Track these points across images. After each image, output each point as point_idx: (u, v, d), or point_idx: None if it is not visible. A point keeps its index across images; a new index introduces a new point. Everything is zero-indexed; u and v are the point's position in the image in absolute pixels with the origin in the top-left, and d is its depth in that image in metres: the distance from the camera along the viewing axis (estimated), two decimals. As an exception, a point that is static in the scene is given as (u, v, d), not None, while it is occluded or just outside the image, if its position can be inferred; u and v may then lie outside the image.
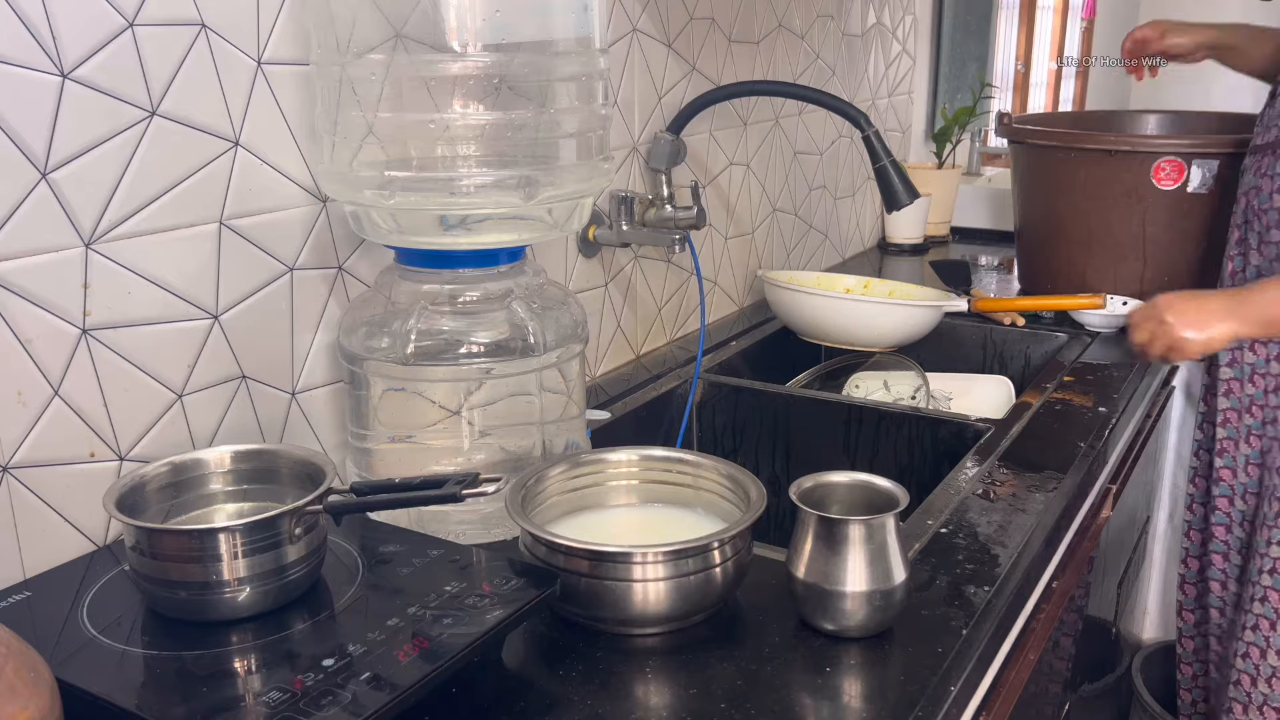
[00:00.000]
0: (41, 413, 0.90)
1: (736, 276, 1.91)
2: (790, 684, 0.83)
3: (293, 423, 1.11)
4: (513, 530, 1.03)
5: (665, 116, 1.61)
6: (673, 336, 1.74)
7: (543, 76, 1.04)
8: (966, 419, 1.43)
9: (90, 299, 0.92)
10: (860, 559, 0.87)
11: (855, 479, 0.95)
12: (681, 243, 1.45)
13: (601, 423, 1.37)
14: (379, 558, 0.90)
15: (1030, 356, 1.81)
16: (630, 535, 1.01)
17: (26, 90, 0.85)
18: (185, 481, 0.90)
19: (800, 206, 2.13)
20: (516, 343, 1.04)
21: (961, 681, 0.85)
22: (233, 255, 1.03)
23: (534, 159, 1.05)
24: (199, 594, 0.80)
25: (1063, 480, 1.21)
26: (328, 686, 0.72)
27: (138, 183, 0.94)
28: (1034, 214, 1.96)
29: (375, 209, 1.01)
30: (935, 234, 2.49)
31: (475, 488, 0.84)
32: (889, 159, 1.45)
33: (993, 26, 3.21)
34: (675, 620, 0.89)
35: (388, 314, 1.04)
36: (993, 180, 2.68)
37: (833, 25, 2.15)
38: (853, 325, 1.64)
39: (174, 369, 0.99)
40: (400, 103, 1.00)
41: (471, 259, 1.04)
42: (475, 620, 0.80)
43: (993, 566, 1.01)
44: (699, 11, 1.67)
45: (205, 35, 0.97)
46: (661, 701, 0.82)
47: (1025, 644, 1.08)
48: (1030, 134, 1.90)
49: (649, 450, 1.06)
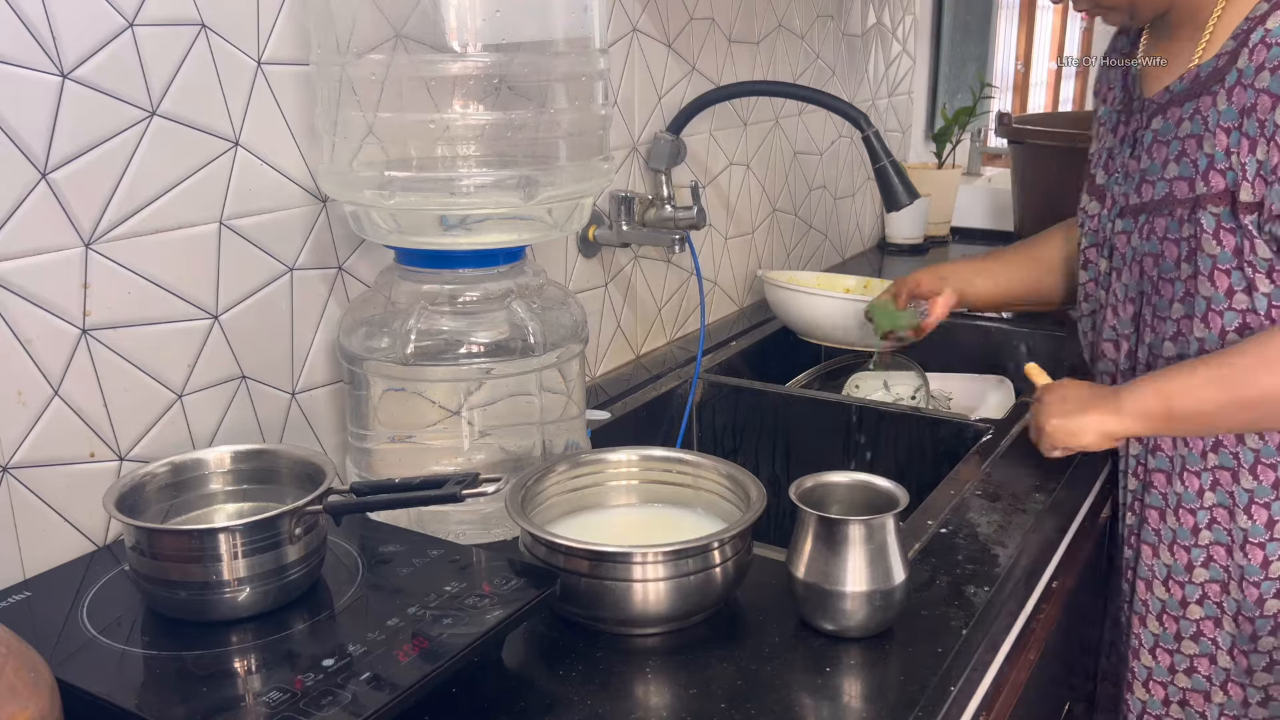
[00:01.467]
0: (41, 413, 0.90)
1: (736, 276, 1.91)
2: (790, 684, 0.83)
3: (293, 423, 1.11)
4: (513, 530, 1.03)
5: (665, 116, 1.61)
6: (673, 336, 1.74)
7: (543, 76, 1.04)
8: (966, 419, 1.43)
9: (90, 299, 0.92)
10: (860, 559, 0.87)
11: (855, 479, 0.95)
12: (681, 243, 1.45)
13: (601, 423, 1.37)
14: (379, 558, 0.90)
15: (1030, 357, 1.81)
16: (630, 535, 1.01)
17: (26, 90, 0.85)
18: (185, 481, 0.90)
19: (800, 206, 2.13)
20: (516, 343, 1.04)
21: (961, 681, 0.85)
22: (233, 255, 1.03)
23: (534, 159, 1.05)
24: (199, 594, 0.80)
25: (1063, 480, 1.21)
26: (328, 686, 0.72)
27: (138, 183, 0.94)
28: (1034, 214, 1.96)
29: (375, 209, 1.01)
30: (935, 234, 2.49)
31: (475, 488, 0.84)
32: (889, 159, 1.45)
33: (993, 26, 3.21)
34: (675, 620, 0.89)
35: (388, 314, 1.04)
36: (993, 180, 2.68)
37: (833, 25, 2.15)
38: (853, 325, 1.64)
39: (174, 369, 0.99)
40: (400, 103, 1.00)
41: (471, 259, 1.04)
42: (475, 620, 0.80)
43: (993, 566, 1.01)
44: (699, 11, 1.67)
45: (205, 35, 0.97)
46: (661, 701, 0.82)
47: (1025, 644, 1.08)
48: (1030, 134, 1.91)
49: (649, 450, 1.06)
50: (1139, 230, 1.21)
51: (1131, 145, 1.24)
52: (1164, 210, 1.18)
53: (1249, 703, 1.23)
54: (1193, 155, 1.14)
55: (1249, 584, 1.20)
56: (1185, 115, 1.15)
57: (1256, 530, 1.19)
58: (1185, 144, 1.15)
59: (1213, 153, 1.12)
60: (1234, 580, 1.21)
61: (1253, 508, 1.18)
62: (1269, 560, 1.19)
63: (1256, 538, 1.19)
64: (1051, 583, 1.16)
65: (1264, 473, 1.18)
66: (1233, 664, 1.23)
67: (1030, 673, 1.10)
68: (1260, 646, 1.21)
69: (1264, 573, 1.19)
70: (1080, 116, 2.55)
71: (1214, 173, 1.12)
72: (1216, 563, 1.22)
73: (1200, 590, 1.23)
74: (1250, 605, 1.20)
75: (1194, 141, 1.14)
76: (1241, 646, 1.22)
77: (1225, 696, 1.25)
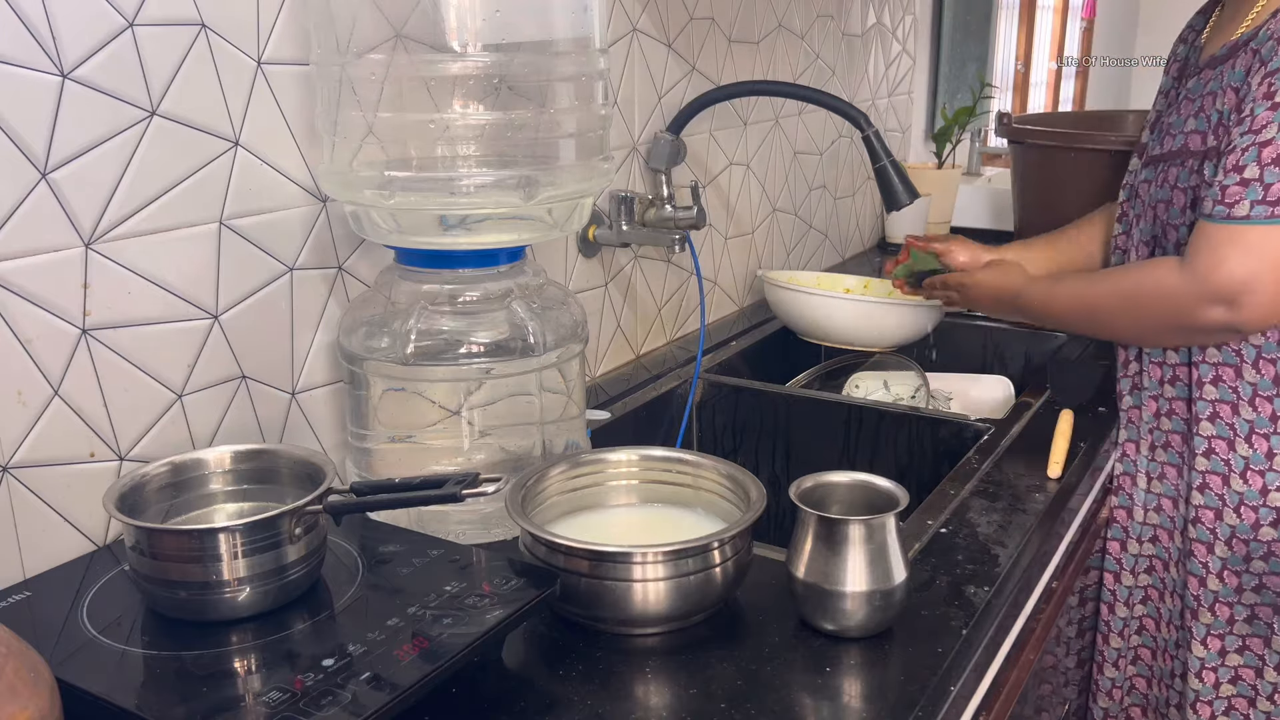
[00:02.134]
0: (41, 413, 0.90)
1: (736, 276, 1.91)
2: (790, 684, 0.83)
3: (293, 423, 1.11)
4: (513, 530, 1.03)
5: (665, 116, 1.61)
6: (673, 336, 1.74)
7: (543, 76, 1.04)
8: (966, 419, 1.43)
9: (90, 299, 0.92)
10: (860, 559, 0.87)
11: (855, 479, 0.95)
12: (681, 243, 1.45)
13: (601, 423, 1.37)
14: (379, 558, 0.90)
15: (1030, 356, 1.81)
16: (630, 535, 1.01)
17: (26, 90, 0.85)
18: (185, 481, 0.90)
19: (800, 206, 2.13)
20: (516, 343, 1.04)
21: (961, 681, 0.85)
22: (233, 255, 1.03)
23: (534, 159, 1.05)
24: (199, 594, 0.80)
25: (1063, 480, 1.21)
26: (328, 686, 0.72)
27: (138, 183, 0.94)
28: (1034, 214, 1.96)
29: (375, 209, 1.01)
30: (935, 234, 2.49)
31: (475, 488, 0.84)
32: (889, 159, 1.45)
33: (993, 26, 3.21)
34: (675, 620, 0.89)
35: (388, 314, 1.04)
36: (993, 180, 2.68)
37: (833, 25, 2.15)
38: (853, 325, 1.64)
39: (174, 369, 0.99)
40: (400, 103, 1.00)
41: (471, 259, 1.04)
42: (475, 620, 0.80)
43: (993, 566, 1.01)
44: (699, 11, 1.67)
45: (205, 35, 0.97)
46: (661, 701, 0.82)
47: (1025, 644, 1.08)
48: (1030, 134, 1.90)
49: (649, 450, 1.06)
50: (1157, 179, 1.29)
51: (1172, 106, 1.33)
52: (1178, 160, 1.25)
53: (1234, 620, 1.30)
54: (1208, 111, 1.21)
55: (1247, 508, 1.27)
56: (1214, 76, 1.23)
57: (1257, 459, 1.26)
58: (1204, 101, 1.23)
59: (1221, 110, 1.19)
60: (1229, 507, 1.28)
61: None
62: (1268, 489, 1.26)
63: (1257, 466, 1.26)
64: (1051, 583, 1.17)
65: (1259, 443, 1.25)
66: (1221, 586, 1.30)
67: (1030, 673, 1.10)
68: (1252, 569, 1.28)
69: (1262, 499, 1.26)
70: (1080, 116, 2.55)
71: (1221, 128, 1.19)
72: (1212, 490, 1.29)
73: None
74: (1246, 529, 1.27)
75: (1210, 99, 1.22)
76: (1233, 568, 1.28)
77: (1213, 617, 1.30)
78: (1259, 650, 1.28)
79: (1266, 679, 1.28)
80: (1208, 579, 1.28)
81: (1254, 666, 1.29)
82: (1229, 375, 1.24)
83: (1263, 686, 1.29)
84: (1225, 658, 1.30)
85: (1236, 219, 1.11)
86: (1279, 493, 1.23)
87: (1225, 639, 1.29)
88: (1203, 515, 1.28)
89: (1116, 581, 1.42)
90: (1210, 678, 1.31)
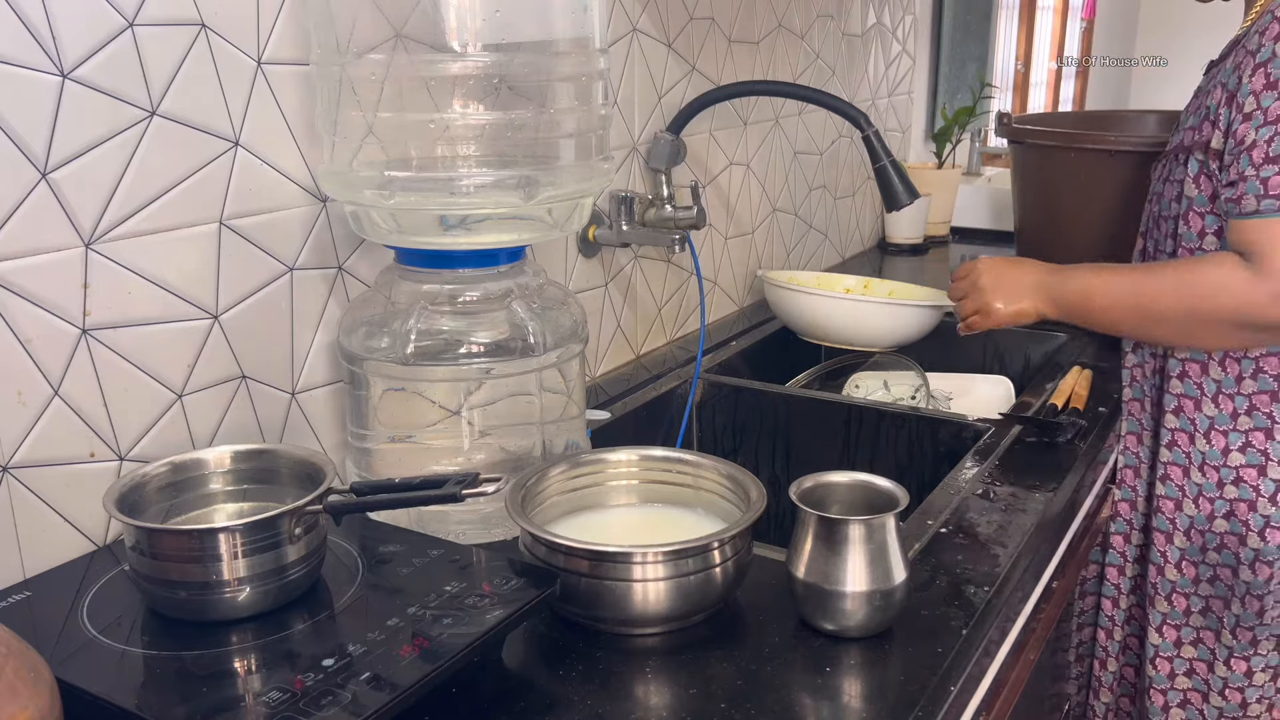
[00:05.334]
0: (41, 413, 0.90)
1: (736, 276, 1.91)
2: (790, 684, 0.83)
3: (293, 423, 1.11)
4: (513, 530, 1.03)
5: (665, 116, 1.61)
6: (673, 336, 1.74)
7: (543, 76, 1.04)
8: (966, 419, 1.43)
9: (90, 299, 0.92)
10: (860, 559, 0.87)
11: (855, 479, 0.95)
12: (681, 243, 1.45)
13: (601, 423, 1.37)
14: (379, 558, 0.90)
15: (1030, 356, 1.81)
16: (630, 535, 1.01)
17: (26, 90, 0.85)
18: (185, 481, 0.90)
19: (800, 206, 2.13)
20: (516, 343, 1.04)
21: (961, 681, 0.85)
22: (233, 255, 1.03)
23: (534, 159, 1.05)
24: (199, 594, 0.80)
25: (1063, 480, 1.21)
26: (328, 686, 0.72)
27: (138, 183, 0.94)
28: (1034, 214, 1.96)
29: (375, 209, 1.01)
30: (935, 234, 2.49)
31: (475, 488, 0.84)
32: (889, 159, 1.45)
33: (993, 26, 3.21)
34: (675, 620, 0.89)
35: (388, 314, 1.04)
36: (993, 180, 2.68)
37: (833, 25, 2.15)
38: (853, 325, 1.64)
39: (174, 369, 0.99)
40: (400, 103, 1.00)
41: (471, 259, 1.04)
42: (475, 620, 0.80)
43: (993, 566, 1.01)
44: (699, 11, 1.67)
45: (205, 35, 0.97)
46: (661, 701, 0.82)
47: (1025, 644, 1.08)
48: (1030, 134, 1.90)
49: (649, 450, 1.06)
50: (1158, 172, 1.33)
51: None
52: (1175, 155, 1.29)
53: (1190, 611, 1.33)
54: (1202, 108, 1.24)
55: (1205, 499, 1.29)
56: (1213, 75, 1.26)
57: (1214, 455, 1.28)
58: (1202, 97, 1.26)
59: (1209, 105, 1.22)
60: (1189, 498, 1.31)
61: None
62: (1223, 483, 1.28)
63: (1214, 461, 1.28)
64: (1051, 583, 1.17)
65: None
66: (1179, 576, 1.32)
67: (1030, 673, 1.10)
68: (1208, 560, 1.31)
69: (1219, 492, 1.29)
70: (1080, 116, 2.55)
71: (1207, 123, 1.22)
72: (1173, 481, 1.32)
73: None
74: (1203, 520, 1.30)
75: (1206, 96, 1.25)
76: (1191, 558, 1.31)
77: (1169, 606, 1.33)
78: (1210, 644, 1.30)
79: (1218, 673, 1.30)
80: (1165, 568, 1.31)
81: (1206, 660, 1.31)
82: (1194, 371, 1.26)
83: (1214, 681, 1.30)
84: (1180, 649, 1.32)
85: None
86: (1234, 486, 1.26)
87: (1181, 630, 1.31)
88: (1163, 505, 1.31)
89: (1120, 575, 1.42)
90: (1165, 667, 1.33)
